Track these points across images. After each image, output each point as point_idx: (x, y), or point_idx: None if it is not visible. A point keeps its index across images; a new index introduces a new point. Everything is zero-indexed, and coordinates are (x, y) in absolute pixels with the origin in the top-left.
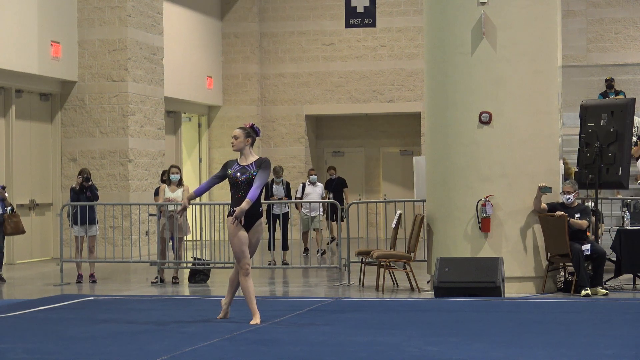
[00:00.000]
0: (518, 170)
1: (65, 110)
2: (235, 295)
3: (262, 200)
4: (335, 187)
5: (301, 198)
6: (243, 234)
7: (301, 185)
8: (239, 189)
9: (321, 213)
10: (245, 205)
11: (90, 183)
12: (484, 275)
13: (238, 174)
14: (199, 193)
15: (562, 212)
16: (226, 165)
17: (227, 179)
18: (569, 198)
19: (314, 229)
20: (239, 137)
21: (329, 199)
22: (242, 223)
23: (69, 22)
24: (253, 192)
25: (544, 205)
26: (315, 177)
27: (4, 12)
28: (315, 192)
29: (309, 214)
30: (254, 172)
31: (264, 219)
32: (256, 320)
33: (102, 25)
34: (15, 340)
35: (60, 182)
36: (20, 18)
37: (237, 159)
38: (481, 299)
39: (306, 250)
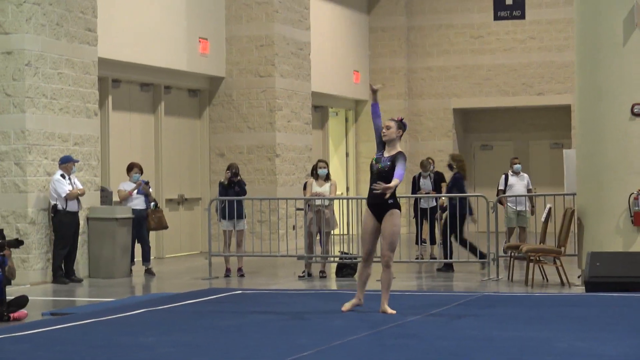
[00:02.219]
0: None
1: (214, 106)
2: (365, 288)
3: (409, 195)
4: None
5: (504, 191)
6: (367, 223)
7: (503, 176)
8: (373, 178)
9: (528, 208)
10: (392, 183)
11: (238, 178)
12: (637, 270)
13: (375, 162)
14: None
15: None
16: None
17: None
18: None
19: (519, 226)
20: (392, 127)
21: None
22: (386, 196)
23: (217, 19)
24: (399, 172)
25: None
26: (519, 166)
27: (153, 10)
28: (520, 183)
29: (514, 208)
30: (388, 163)
31: (398, 211)
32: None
33: (249, 21)
34: (164, 333)
35: (208, 177)
36: (169, 15)
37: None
38: (634, 294)
39: (511, 250)
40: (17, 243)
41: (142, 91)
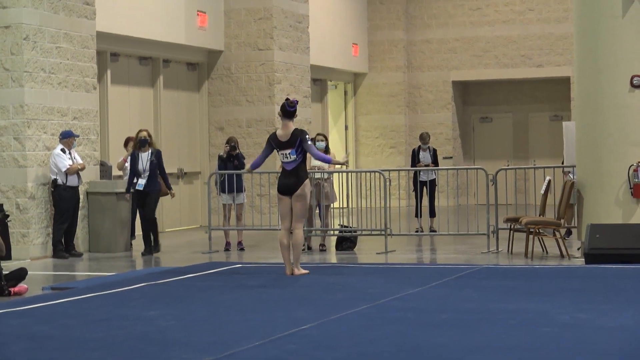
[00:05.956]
0: None
1: (212, 79)
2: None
3: (409, 167)
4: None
5: None
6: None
7: None
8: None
9: None
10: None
11: (237, 151)
12: (637, 242)
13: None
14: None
15: None
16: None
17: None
18: None
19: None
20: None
21: None
22: None
23: None
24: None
25: None
26: None
27: None
28: None
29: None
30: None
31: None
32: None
33: None
34: (164, 307)
35: (207, 150)
36: None
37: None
38: (633, 266)
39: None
40: (3, 217)
41: (141, 65)
